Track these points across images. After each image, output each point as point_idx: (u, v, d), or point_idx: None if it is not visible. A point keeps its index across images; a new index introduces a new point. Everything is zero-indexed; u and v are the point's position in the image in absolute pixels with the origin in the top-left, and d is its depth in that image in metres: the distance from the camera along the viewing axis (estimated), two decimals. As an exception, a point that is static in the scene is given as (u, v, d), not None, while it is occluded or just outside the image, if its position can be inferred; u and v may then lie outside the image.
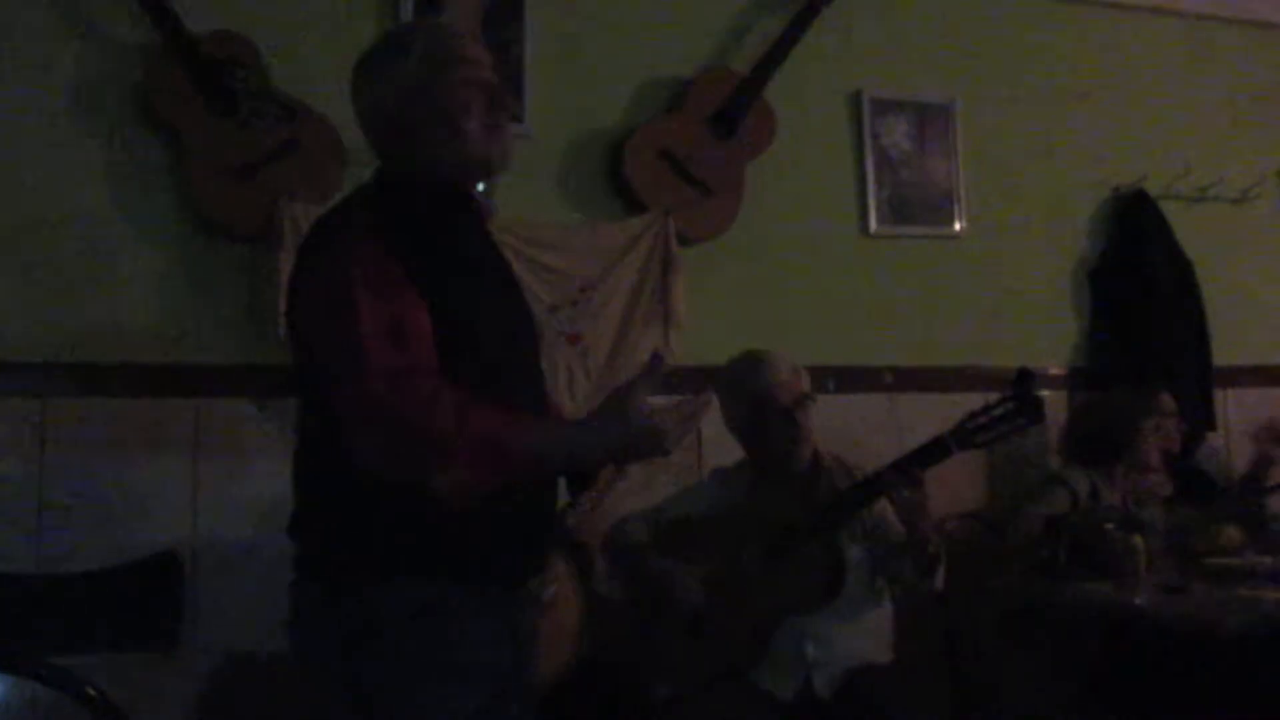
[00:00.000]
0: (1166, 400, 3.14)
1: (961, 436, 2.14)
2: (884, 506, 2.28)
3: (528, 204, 2.91)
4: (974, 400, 2.22)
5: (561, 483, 2.40)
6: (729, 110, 3.05)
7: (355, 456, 1.27)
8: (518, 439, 1.28)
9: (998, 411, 2.12)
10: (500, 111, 1.45)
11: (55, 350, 2.54)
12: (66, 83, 2.61)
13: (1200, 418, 3.41)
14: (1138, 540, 2.43)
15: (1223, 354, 3.54)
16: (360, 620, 1.33)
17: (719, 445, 2.56)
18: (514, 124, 2.82)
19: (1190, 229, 3.57)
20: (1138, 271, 3.46)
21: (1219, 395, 3.52)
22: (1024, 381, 2.11)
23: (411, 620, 1.33)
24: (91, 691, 1.96)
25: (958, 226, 3.38)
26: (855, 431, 3.06)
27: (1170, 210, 3.55)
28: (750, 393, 2.35)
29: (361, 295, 1.28)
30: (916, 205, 3.36)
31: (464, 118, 1.41)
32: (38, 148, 2.58)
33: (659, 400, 2.85)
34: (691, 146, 3.02)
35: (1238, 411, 3.59)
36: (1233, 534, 2.76)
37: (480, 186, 2.63)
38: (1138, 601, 2.33)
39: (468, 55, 1.44)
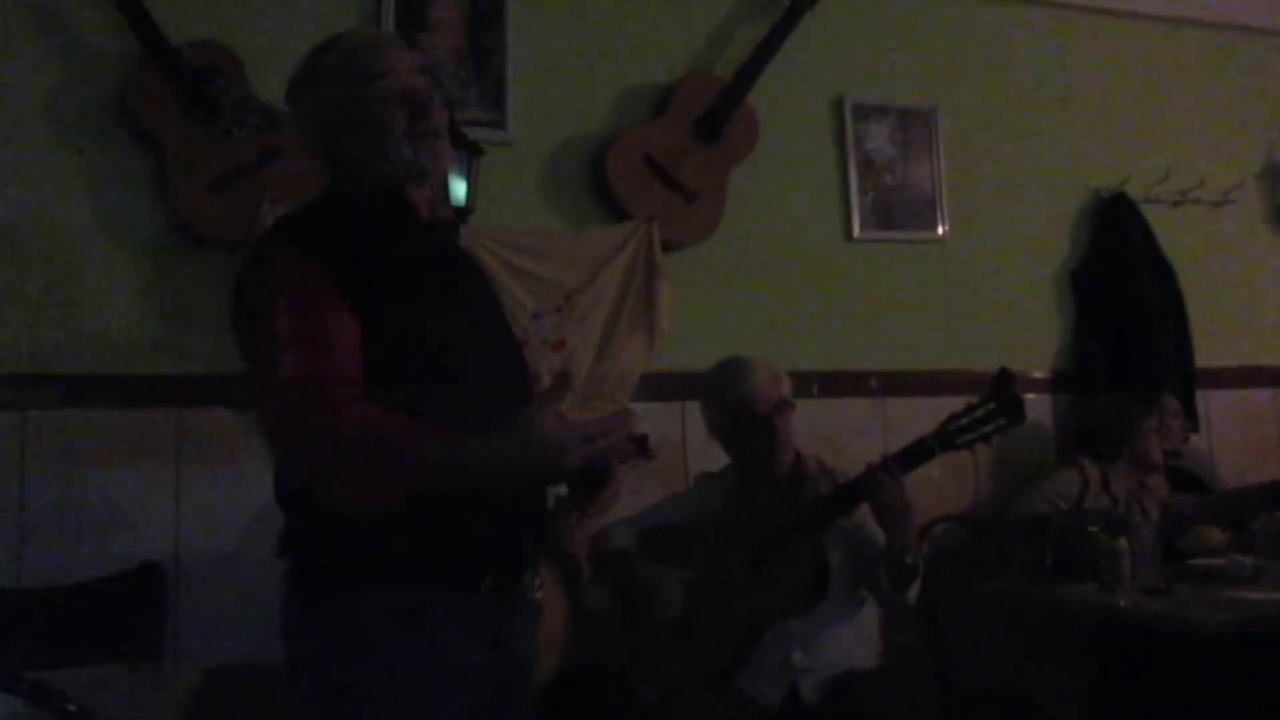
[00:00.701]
0: (1170, 401, 3.17)
1: (944, 438, 2.15)
2: (866, 512, 2.28)
3: (512, 211, 2.92)
4: (958, 403, 2.22)
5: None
6: (712, 116, 3.06)
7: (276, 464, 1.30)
8: (417, 451, 1.25)
9: (979, 412, 2.13)
10: (423, 122, 1.42)
11: (35, 362, 2.53)
12: (46, 92, 2.60)
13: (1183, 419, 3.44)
14: (1121, 543, 2.45)
15: (1204, 356, 3.57)
16: (345, 627, 1.33)
17: (705, 451, 2.56)
18: (497, 130, 2.89)
19: (1171, 232, 3.60)
20: (1119, 274, 3.49)
21: (1201, 397, 3.54)
22: (1004, 382, 2.12)
23: (396, 626, 1.32)
24: (71, 706, 1.94)
25: (940, 231, 3.40)
26: (841, 435, 3.07)
27: (1151, 214, 3.58)
28: (728, 400, 2.36)
29: (280, 306, 1.30)
30: (899, 210, 3.37)
31: (385, 133, 1.40)
32: (17, 157, 2.57)
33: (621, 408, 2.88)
34: (675, 152, 3.02)
35: (1219, 413, 3.62)
36: (1215, 535, 2.78)
37: (460, 198, 2.64)
38: (1122, 603, 2.34)
39: (385, 67, 1.42)
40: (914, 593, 2.27)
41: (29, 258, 2.55)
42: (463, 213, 2.77)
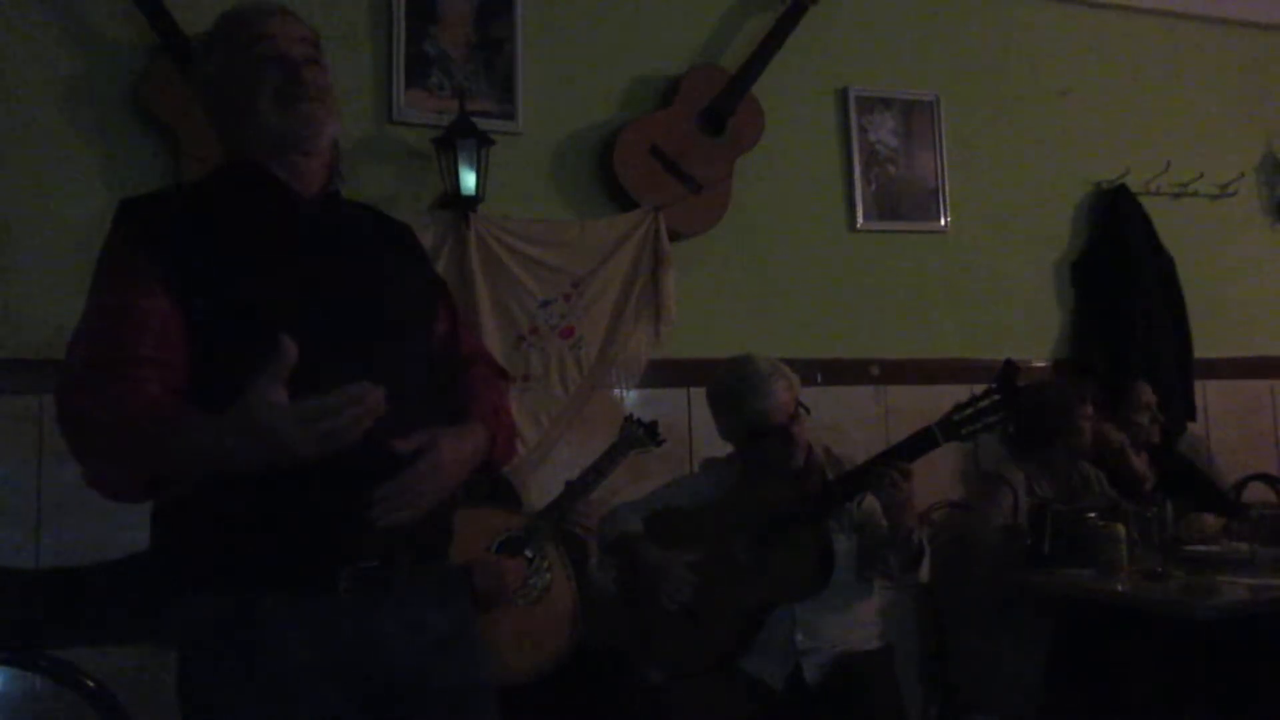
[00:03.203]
0: (1145, 391, 3.18)
1: (948, 428, 2.18)
2: (872, 499, 2.32)
3: (520, 200, 2.96)
4: (959, 392, 2.26)
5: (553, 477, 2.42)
6: (718, 107, 3.09)
7: None
8: (158, 436, 1.20)
9: (983, 403, 2.16)
10: (295, 84, 1.37)
11: (53, 348, 2.55)
12: (63, 83, 2.63)
13: (1181, 408, 3.48)
14: (1119, 529, 2.49)
15: (1202, 346, 3.61)
16: (180, 634, 1.32)
17: (711, 437, 2.59)
18: (506, 120, 2.92)
19: (1171, 224, 3.64)
20: (1120, 265, 3.52)
21: (1199, 386, 3.59)
22: (1008, 374, 2.15)
23: (223, 635, 1.28)
24: (90, 683, 1.98)
25: (942, 221, 3.43)
26: (843, 423, 3.11)
27: (1151, 205, 3.62)
28: (746, 416, 2.35)
29: (93, 291, 1.31)
30: (902, 201, 3.40)
31: (253, 98, 1.36)
32: (33, 146, 2.60)
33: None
34: (681, 143, 3.06)
35: (1217, 402, 3.66)
36: (1211, 522, 2.82)
37: (470, 187, 2.65)
38: (1120, 588, 2.38)
39: (262, 32, 1.39)
40: (924, 571, 2.31)
41: (46, 246, 2.58)
42: (472, 202, 2.81)
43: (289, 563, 1.29)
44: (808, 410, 2.40)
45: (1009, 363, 2.17)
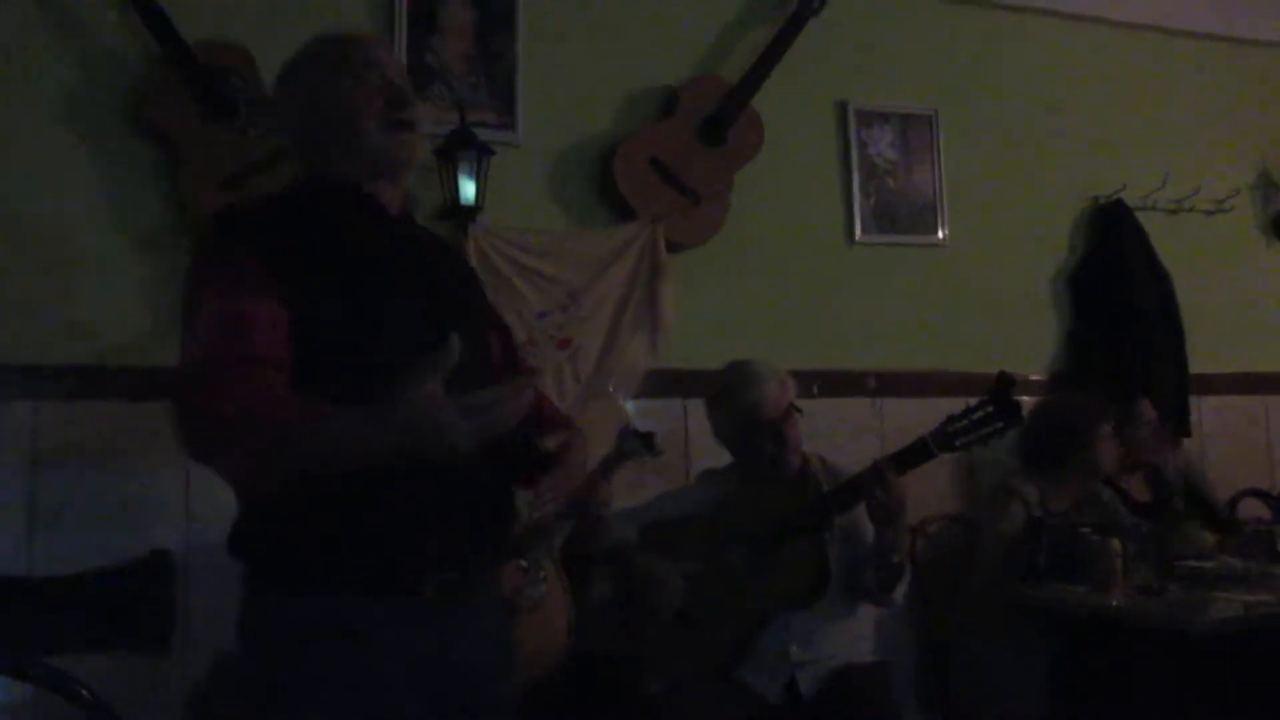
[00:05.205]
0: (1148, 408, 3.18)
1: (942, 439, 2.18)
2: (862, 511, 2.32)
3: (520, 211, 2.96)
4: (956, 404, 2.26)
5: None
6: (718, 119, 3.10)
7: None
8: (298, 430, 1.22)
9: (977, 415, 2.16)
10: (400, 112, 1.44)
11: (47, 354, 2.55)
12: (61, 89, 2.63)
13: (1176, 424, 3.48)
14: (1115, 544, 2.49)
15: (1199, 361, 3.62)
16: (271, 635, 1.35)
17: (707, 448, 2.59)
18: (506, 131, 2.92)
19: (1167, 239, 3.65)
20: (1116, 280, 3.54)
21: (1195, 402, 3.59)
22: (1003, 385, 2.15)
23: (318, 635, 1.32)
24: (85, 692, 1.97)
25: (941, 235, 3.44)
26: (839, 435, 3.11)
27: (1147, 220, 3.63)
28: (738, 409, 2.36)
29: (202, 297, 1.32)
30: (901, 214, 3.42)
31: (360, 120, 1.41)
32: (31, 153, 2.59)
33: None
34: (680, 155, 3.06)
35: (1213, 418, 3.67)
36: (1206, 538, 2.82)
37: (470, 198, 2.65)
38: (1114, 603, 2.38)
39: (364, 59, 1.44)
40: (900, 593, 2.30)
41: (44, 252, 2.58)
42: (472, 212, 2.81)
43: (384, 567, 1.33)
44: (800, 412, 2.40)
45: (1003, 374, 2.17)
